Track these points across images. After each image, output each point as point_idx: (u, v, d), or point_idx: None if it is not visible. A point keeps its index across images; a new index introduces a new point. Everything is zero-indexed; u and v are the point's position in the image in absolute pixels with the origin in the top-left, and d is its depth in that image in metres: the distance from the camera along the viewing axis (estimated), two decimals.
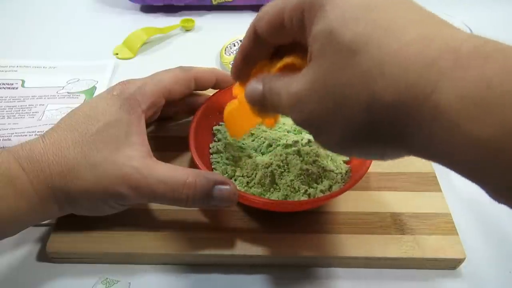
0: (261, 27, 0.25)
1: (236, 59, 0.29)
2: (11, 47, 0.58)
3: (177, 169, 0.31)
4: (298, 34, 0.23)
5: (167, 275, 0.33)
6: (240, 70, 0.30)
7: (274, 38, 0.26)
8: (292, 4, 0.23)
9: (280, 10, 0.24)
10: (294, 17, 0.23)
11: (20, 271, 0.34)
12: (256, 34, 0.26)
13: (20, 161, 0.29)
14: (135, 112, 0.33)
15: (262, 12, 0.25)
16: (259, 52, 0.28)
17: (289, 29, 0.24)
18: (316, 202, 0.33)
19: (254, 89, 0.26)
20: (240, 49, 0.28)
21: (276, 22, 0.24)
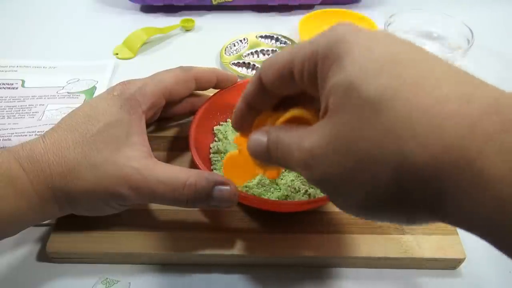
0: (267, 77, 0.24)
1: (238, 107, 0.28)
2: (11, 47, 0.58)
3: (177, 170, 0.31)
4: (308, 86, 0.22)
5: (167, 275, 0.34)
6: (242, 119, 0.28)
7: (281, 89, 0.24)
8: (303, 56, 0.21)
9: (289, 61, 0.22)
10: (306, 69, 0.21)
11: (20, 271, 0.34)
12: (261, 83, 0.25)
13: (21, 161, 0.29)
14: (136, 112, 0.33)
15: (268, 62, 0.24)
16: (263, 102, 0.26)
17: (298, 81, 0.22)
18: (316, 203, 0.33)
19: (258, 141, 0.24)
20: (243, 97, 0.27)
21: (284, 73, 0.23)
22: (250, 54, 0.55)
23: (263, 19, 0.64)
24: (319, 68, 0.21)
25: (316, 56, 0.21)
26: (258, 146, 0.24)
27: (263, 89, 0.25)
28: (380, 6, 0.66)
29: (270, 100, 0.26)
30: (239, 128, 0.29)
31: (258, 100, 0.26)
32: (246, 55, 0.55)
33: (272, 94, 0.25)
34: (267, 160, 0.24)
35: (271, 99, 0.26)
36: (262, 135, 0.24)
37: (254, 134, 0.25)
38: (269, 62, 0.24)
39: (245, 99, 0.27)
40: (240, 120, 0.28)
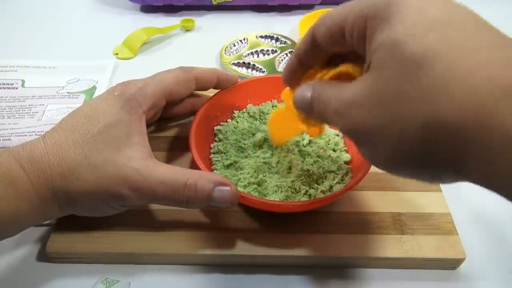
0: (320, 34, 0.25)
1: (290, 63, 0.28)
2: (11, 47, 0.58)
3: (177, 170, 0.31)
4: (357, 44, 0.23)
5: (167, 275, 0.34)
6: (292, 74, 0.29)
7: (332, 46, 0.25)
8: (355, 13, 0.22)
9: (342, 18, 0.23)
10: (356, 26, 0.22)
11: (20, 271, 0.34)
12: (314, 40, 0.25)
13: (21, 161, 0.29)
14: (136, 112, 0.33)
15: (322, 19, 0.25)
16: (314, 58, 0.27)
17: (349, 38, 0.23)
18: (316, 203, 0.33)
19: (304, 94, 0.25)
20: (295, 53, 0.28)
21: (337, 30, 0.23)
22: (250, 54, 0.55)
23: (263, 19, 0.64)
24: (369, 26, 0.21)
25: (367, 15, 0.21)
26: (303, 98, 0.25)
27: (315, 45, 0.26)
28: None
29: (320, 57, 0.27)
30: (288, 82, 0.30)
31: (309, 56, 0.27)
32: (246, 55, 0.55)
33: (323, 50, 0.26)
34: (310, 112, 0.25)
35: (322, 55, 0.27)
36: (308, 88, 0.25)
37: (301, 87, 0.26)
38: (323, 19, 0.25)
39: (297, 54, 0.28)
40: (290, 75, 0.29)
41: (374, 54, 0.20)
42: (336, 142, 0.39)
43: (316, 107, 0.25)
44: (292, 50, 0.56)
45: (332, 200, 0.34)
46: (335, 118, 0.23)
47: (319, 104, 0.24)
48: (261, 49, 0.56)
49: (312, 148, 0.37)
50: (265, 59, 0.55)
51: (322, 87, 0.25)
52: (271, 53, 0.56)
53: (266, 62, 0.54)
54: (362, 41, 0.22)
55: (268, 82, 0.43)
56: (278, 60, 0.54)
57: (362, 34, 0.22)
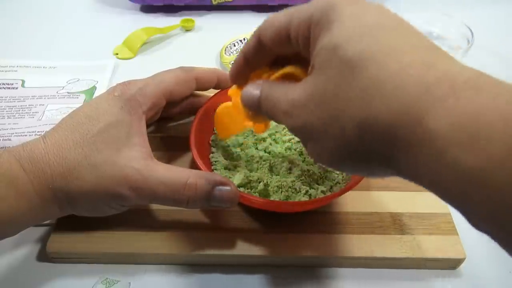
0: (265, 36, 0.26)
1: (237, 61, 0.29)
2: (11, 47, 0.58)
3: (177, 170, 0.31)
4: (302, 48, 0.24)
5: (167, 275, 0.34)
6: (239, 73, 0.30)
7: (278, 48, 0.26)
8: (299, 19, 0.23)
9: (287, 23, 0.24)
10: (301, 31, 0.23)
11: (20, 271, 0.34)
12: (260, 41, 0.26)
13: (21, 161, 0.29)
14: (136, 113, 0.33)
15: (268, 22, 0.26)
16: (261, 58, 0.28)
17: (294, 42, 0.24)
18: (317, 203, 0.33)
19: (251, 93, 0.26)
20: (242, 53, 0.28)
21: (282, 34, 0.24)
22: None
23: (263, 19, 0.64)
24: (312, 31, 0.22)
25: (310, 21, 0.22)
26: (251, 97, 0.26)
27: (261, 46, 0.27)
28: None
29: (267, 57, 0.28)
30: (235, 80, 0.31)
31: (255, 56, 0.28)
32: None
33: (269, 52, 0.27)
34: (258, 110, 0.26)
35: (268, 56, 0.27)
36: (256, 87, 0.26)
37: (249, 86, 0.27)
38: (268, 21, 0.26)
39: (243, 53, 0.28)
40: (237, 73, 0.30)
41: (316, 57, 0.22)
42: None
43: (264, 106, 0.25)
44: None
45: (332, 200, 0.34)
46: (283, 117, 0.24)
47: (267, 103, 0.25)
48: None
49: None
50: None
51: (269, 87, 0.25)
52: None
53: None
54: (306, 45, 0.23)
55: None
56: None
57: (306, 38, 0.23)
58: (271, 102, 0.25)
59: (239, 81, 0.31)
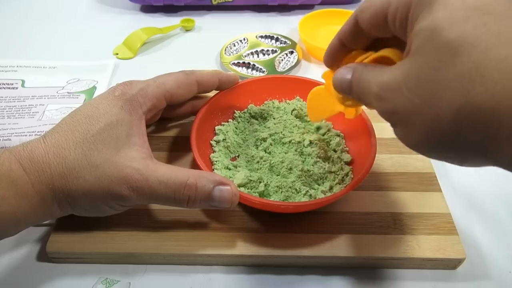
0: (363, 18, 0.25)
1: (332, 44, 0.29)
2: (11, 47, 0.58)
3: (177, 170, 0.31)
4: (399, 30, 0.23)
5: (167, 275, 0.34)
6: (333, 56, 0.29)
7: (375, 31, 0.26)
8: (398, 1, 0.23)
9: (386, 4, 0.24)
10: (399, 13, 0.23)
11: (20, 271, 0.34)
12: (357, 24, 0.26)
13: (21, 161, 0.29)
14: (136, 113, 0.33)
15: (366, 3, 0.25)
16: (356, 41, 0.28)
17: (391, 24, 0.24)
18: (317, 204, 0.33)
19: (343, 76, 0.26)
20: (338, 35, 0.28)
21: (380, 16, 0.24)
22: (250, 54, 0.55)
23: (263, 19, 0.64)
24: (411, 13, 0.22)
25: (410, 2, 0.22)
26: (342, 80, 0.26)
27: (357, 29, 0.26)
28: None
29: (362, 40, 0.27)
30: (329, 63, 0.30)
31: (351, 38, 0.27)
32: (246, 55, 0.55)
33: (366, 34, 0.26)
34: (349, 94, 0.26)
35: (364, 39, 0.27)
36: (348, 71, 0.26)
37: (341, 69, 0.27)
38: (367, 3, 0.25)
39: (339, 36, 0.28)
40: (331, 56, 0.30)
41: (414, 39, 0.21)
42: (337, 142, 0.39)
43: (355, 89, 0.25)
44: (292, 50, 0.56)
45: (332, 201, 0.34)
46: (374, 100, 0.23)
47: (358, 86, 0.25)
48: (261, 49, 0.56)
49: (313, 149, 0.37)
50: (265, 59, 0.55)
51: (361, 69, 0.25)
52: (271, 53, 0.56)
53: (266, 62, 0.54)
54: (404, 27, 0.23)
55: (270, 82, 0.43)
56: (278, 60, 0.54)
57: (404, 20, 0.22)
58: (362, 84, 0.24)
59: (332, 64, 0.30)
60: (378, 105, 0.23)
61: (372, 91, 0.23)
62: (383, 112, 0.23)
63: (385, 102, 0.22)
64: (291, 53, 0.56)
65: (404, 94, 0.21)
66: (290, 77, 0.44)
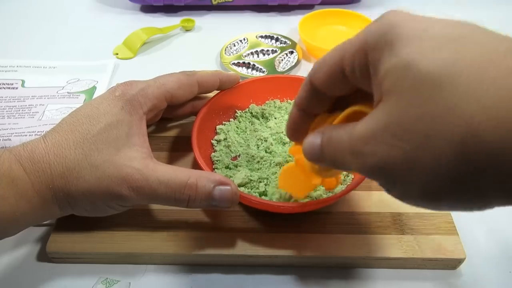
0: (318, 79, 0.24)
1: (292, 115, 0.27)
2: (11, 47, 0.58)
3: (178, 170, 0.31)
4: (361, 80, 0.21)
5: (167, 275, 0.34)
6: (296, 127, 0.27)
7: (334, 89, 0.24)
8: (353, 49, 0.21)
9: (339, 59, 0.22)
10: (357, 61, 0.21)
11: (20, 271, 0.34)
12: (313, 87, 0.24)
13: (22, 161, 0.29)
14: (137, 113, 0.33)
15: (318, 64, 0.24)
16: (317, 106, 0.26)
17: (351, 77, 0.22)
18: (317, 204, 0.33)
19: (312, 142, 0.24)
20: (295, 104, 0.26)
21: (336, 71, 0.22)
22: (250, 54, 0.55)
23: (263, 19, 0.64)
24: (370, 57, 0.20)
25: (366, 46, 0.20)
26: (312, 146, 0.24)
27: (315, 92, 0.24)
28: (380, 6, 0.66)
29: (323, 103, 0.25)
30: (293, 136, 0.28)
31: (311, 104, 0.25)
32: (246, 55, 0.55)
33: (325, 96, 0.24)
34: (321, 160, 0.23)
35: (325, 102, 0.25)
36: (316, 135, 0.24)
37: (309, 136, 0.24)
38: (319, 63, 0.24)
39: (297, 105, 0.26)
40: (294, 128, 0.27)
41: (383, 82, 0.19)
42: None
43: (328, 152, 0.23)
44: (292, 50, 0.56)
45: (332, 201, 0.34)
46: (351, 159, 0.21)
47: (330, 148, 0.22)
48: (261, 49, 0.56)
49: None
50: (265, 59, 0.55)
51: (331, 130, 0.23)
52: (271, 53, 0.56)
53: (266, 62, 0.54)
54: (366, 75, 0.21)
55: (271, 82, 0.43)
56: (278, 60, 0.54)
57: (364, 68, 0.21)
58: (334, 145, 0.22)
59: (298, 137, 0.27)
60: (357, 162, 0.20)
61: (348, 149, 0.21)
62: (368, 170, 0.20)
63: (366, 157, 0.19)
64: (291, 53, 0.56)
65: (389, 142, 0.18)
66: (292, 77, 0.44)
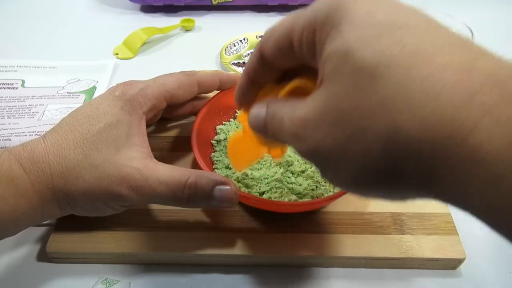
0: (267, 49, 0.23)
1: (241, 83, 0.26)
2: (11, 47, 0.58)
3: (177, 170, 0.31)
4: (307, 57, 0.21)
5: (167, 275, 0.33)
6: (245, 95, 0.27)
7: (282, 61, 0.23)
8: (302, 24, 0.20)
9: (288, 31, 0.21)
10: (304, 36, 0.20)
11: (20, 271, 0.34)
12: (262, 56, 0.24)
13: (21, 161, 0.29)
14: (136, 113, 0.33)
15: (268, 33, 0.23)
16: (266, 76, 0.25)
17: (298, 51, 0.21)
18: (317, 204, 0.33)
19: (257, 113, 0.23)
20: (245, 72, 0.26)
21: (284, 44, 0.22)
22: (250, 54, 0.55)
23: (263, 19, 0.64)
24: (317, 35, 0.19)
25: (314, 23, 0.19)
26: (257, 119, 0.23)
27: (264, 62, 0.24)
28: None
29: (272, 73, 0.25)
30: (242, 103, 0.28)
31: (260, 73, 0.25)
32: (246, 55, 0.55)
33: (274, 66, 0.24)
34: (265, 133, 0.23)
35: (273, 72, 0.25)
36: (262, 107, 0.23)
37: (254, 107, 0.24)
38: (269, 32, 0.23)
39: (247, 72, 0.26)
40: (242, 95, 0.27)
41: (325, 65, 0.19)
42: None
43: (270, 128, 0.22)
44: None
45: (332, 201, 0.34)
46: (291, 140, 0.21)
47: (273, 125, 0.22)
48: None
49: None
50: None
51: (276, 105, 0.22)
52: None
53: None
54: (312, 53, 0.20)
55: None
56: None
57: (311, 45, 0.20)
58: (276, 123, 0.22)
59: (246, 104, 0.27)
60: (296, 145, 0.20)
61: (288, 130, 0.21)
62: (303, 153, 0.20)
63: (303, 141, 0.20)
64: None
65: (325, 130, 0.18)
66: None
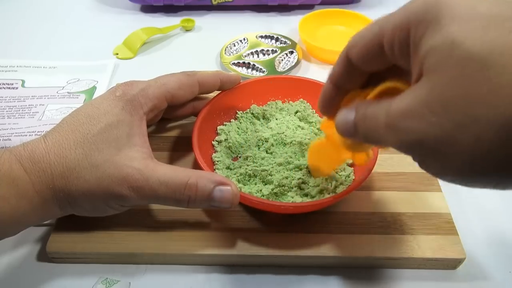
0: (355, 54, 0.23)
1: (324, 90, 0.27)
2: (11, 47, 0.58)
3: (178, 170, 0.31)
4: (399, 57, 0.22)
5: (167, 275, 0.34)
6: (329, 102, 0.27)
7: (369, 64, 0.24)
8: (394, 24, 0.21)
9: (378, 34, 0.22)
10: (397, 37, 0.21)
11: (20, 271, 0.34)
12: (349, 61, 0.24)
13: (22, 161, 0.29)
14: (137, 113, 0.33)
15: (356, 38, 0.23)
16: (351, 81, 0.25)
17: (389, 53, 0.22)
18: (318, 205, 0.33)
19: (346, 117, 0.24)
20: (329, 79, 0.26)
21: (373, 47, 0.22)
22: (250, 54, 0.55)
23: (263, 19, 0.64)
24: (413, 34, 0.20)
25: (408, 23, 0.20)
26: (346, 122, 0.24)
27: (350, 67, 0.24)
28: (380, 6, 0.66)
29: (357, 78, 0.25)
30: (326, 111, 0.28)
31: (345, 79, 0.25)
32: (246, 55, 0.55)
33: (360, 71, 0.24)
34: (354, 135, 0.24)
35: (359, 77, 0.25)
36: (350, 110, 0.24)
37: (342, 111, 0.24)
38: (356, 37, 0.23)
39: (331, 79, 0.26)
40: (327, 103, 0.27)
41: (426, 59, 0.19)
42: None
43: (362, 127, 0.23)
44: (292, 50, 0.56)
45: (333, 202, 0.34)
46: (387, 133, 0.21)
47: (365, 124, 0.23)
48: (261, 49, 0.56)
49: None
50: (265, 59, 0.55)
51: (366, 106, 0.23)
52: (271, 53, 0.56)
53: (266, 62, 0.54)
54: (406, 52, 0.21)
55: (272, 83, 0.43)
56: (278, 60, 0.54)
57: (404, 44, 0.21)
58: (369, 121, 0.22)
59: (330, 112, 0.27)
60: (395, 138, 0.20)
61: (384, 123, 0.21)
62: (405, 145, 0.20)
63: (403, 133, 0.20)
64: (291, 53, 0.56)
65: (429, 120, 0.18)
66: (294, 78, 0.44)
